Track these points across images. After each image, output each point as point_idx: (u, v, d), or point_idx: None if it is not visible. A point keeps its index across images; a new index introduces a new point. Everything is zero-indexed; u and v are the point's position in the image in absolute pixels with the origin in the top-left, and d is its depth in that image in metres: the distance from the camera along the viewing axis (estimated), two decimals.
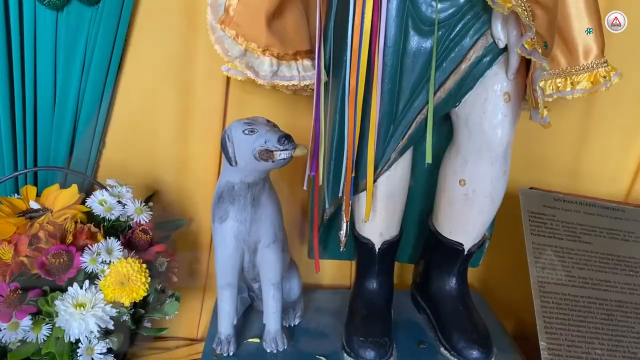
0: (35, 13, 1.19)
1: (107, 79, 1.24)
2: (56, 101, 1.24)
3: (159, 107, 1.28)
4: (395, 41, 0.97)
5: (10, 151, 1.24)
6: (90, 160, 1.29)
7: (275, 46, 0.96)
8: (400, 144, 1.02)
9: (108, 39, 1.21)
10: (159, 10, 1.22)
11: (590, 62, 1.07)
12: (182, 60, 1.25)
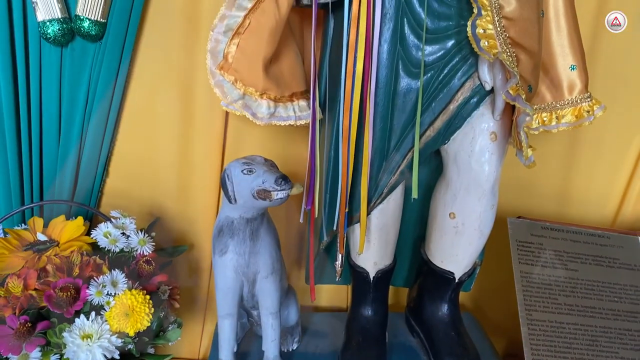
0: (41, 49, 1.24)
1: (110, 112, 1.29)
2: (61, 133, 1.28)
3: (160, 137, 1.33)
4: (386, 83, 1.02)
5: (17, 181, 1.28)
6: (94, 188, 1.34)
7: (272, 90, 1.00)
8: (392, 179, 1.07)
9: (111, 73, 1.25)
10: (160, 46, 1.27)
11: (574, 96, 1.12)
12: (182, 93, 1.29)
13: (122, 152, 1.33)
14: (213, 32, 0.97)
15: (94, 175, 1.32)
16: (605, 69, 1.30)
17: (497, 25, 0.95)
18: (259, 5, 0.95)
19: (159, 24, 1.25)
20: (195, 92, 1.29)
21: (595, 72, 1.29)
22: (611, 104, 1.29)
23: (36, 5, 1.19)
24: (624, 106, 1.34)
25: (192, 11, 1.22)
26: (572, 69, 1.10)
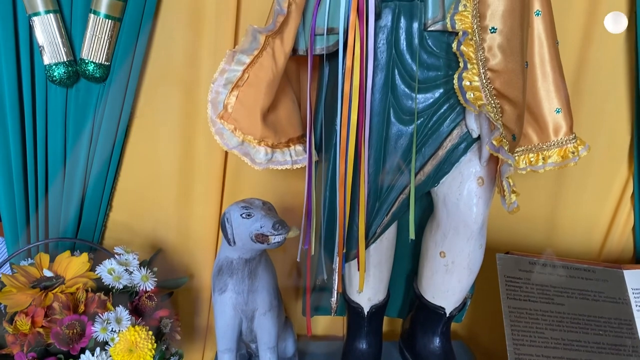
0: (47, 90, 1.28)
1: (113, 149, 1.33)
2: (66, 171, 1.33)
3: (162, 173, 1.37)
4: (379, 129, 1.07)
5: (24, 218, 1.33)
6: (98, 222, 1.38)
7: (270, 137, 1.05)
8: (385, 219, 1.12)
9: (114, 112, 1.30)
10: (163, 85, 1.31)
11: (560, 138, 1.17)
12: (184, 131, 1.34)
13: (125, 188, 1.38)
14: (214, 85, 1.02)
15: (97, 209, 1.37)
16: (589, 106, 1.36)
17: (482, 77, 1.00)
18: (257, 60, 1.01)
19: (160, 66, 1.30)
20: (196, 131, 1.34)
21: (580, 109, 1.34)
22: (596, 137, 1.36)
23: (43, 50, 1.24)
24: (608, 140, 1.39)
25: (192, 56, 1.28)
26: (558, 112, 1.16)
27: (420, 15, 1.03)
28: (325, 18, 1.02)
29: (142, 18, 1.25)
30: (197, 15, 1.27)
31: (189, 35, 1.28)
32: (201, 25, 1.27)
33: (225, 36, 1.26)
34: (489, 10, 1.00)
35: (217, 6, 1.24)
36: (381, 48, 1.05)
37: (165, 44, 1.29)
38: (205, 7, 1.26)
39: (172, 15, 1.28)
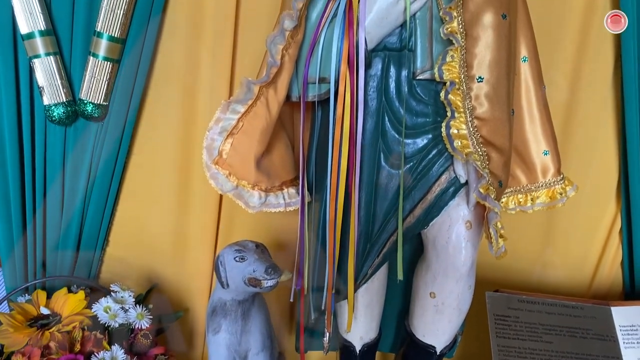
0: (46, 129, 1.31)
1: (111, 186, 1.36)
2: (64, 207, 1.35)
3: (158, 209, 1.40)
4: (369, 173, 1.10)
5: (21, 255, 1.35)
6: (95, 257, 1.41)
7: (264, 182, 1.08)
8: (376, 261, 1.14)
9: (112, 150, 1.33)
10: (160, 124, 1.35)
11: (548, 179, 1.20)
12: (180, 169, 1.37)
13: (122, 223, 1.41)
14: (209, 132, 1.05)
15: (94, 245, 1.39)
16: (578, 145, 1.39)
17: (469, 125, 1.03)
18: (251, 109, 1.04)
19: (158, 106, 1.34)
20: (192, 168, 1.37)
21: (569, 148, 1.37)
22: (585, 174, 1.39)
23: (43, 90, 1.27)
24: (597, 177, 1.42)
25: (189, 97, 1.31)
26: (545, 154, 1.19)
27: (409, 65, 1.06)
28: (317, 68, 1.05)
29: (139, 60, 1.28)
30: (194, 58, 1.30)
31: (186, 76, 1.32)
32: (198, 68, 1.31)
33: (221, 78, 1.29)
34: (476, 60, 1.03)
35: (214, 50, 1.28)
36: (371, 95, 1.08)
37: (163, 84, 1.32)
38: (201, 51, 1.30)
39: (169, 57, 1.31)
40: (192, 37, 1.29)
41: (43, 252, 1.37)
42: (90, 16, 1.25)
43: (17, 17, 1.24)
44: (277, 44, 1.02)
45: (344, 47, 1.02)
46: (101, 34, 1.25)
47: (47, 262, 1.39)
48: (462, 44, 1.02)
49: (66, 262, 1.38)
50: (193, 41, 1.29)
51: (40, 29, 1.24)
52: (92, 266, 1.41)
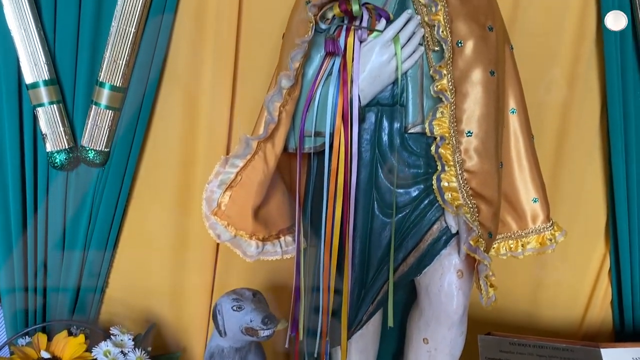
0: (48, 175, 1.35)
1: (111, 229, 1.39)
2: (65, 250, 1.38)
3: (157, 250, 1.43)
4: (364, 222, 1.13)
5: (22, 298, 1.38)
6: (95, 298, 1.43)
7: (261, 232, 1.11)
8: (371, 307, 1.17)
9: (112, 195, 1.36)
10: (160, 168, 1.38)
11: (537, 226, 1.24)
12: (179, 212, 1.40)
13: (122, 265, 1.43)
14: (208, 185, 1.09)
15: (94, 287, 1.42)
16: (567, 188, 1.43)
17: (459, 178, 1.07)
18: (249, 164, 1.07)
19: (158, 151, 1.37)
20: (191, 212, 1.40)
21: (558, 192, 1.41)
22: (574, 216, 1.43)
23: (46, 137, 1.31)
24: (585, 219, 1.46)
25: (188, 142, 1.35)
26: (535, 202, 1.22)
27: (401, 119, 1.11)
28: (313, 122, 1.09)
29: (140, 107, 1.33)
30: (193, 105, 1.35)
31: (185, 123, 1.36)
32: (197, 115, 1.35)
33: (219, 126, 1.34)
34: (465, 114, 1.08)
35: (213, 98, 1.32)
36: (365, 147, 1.12)
37: (163, 131, 1.36)
38: (200, 99, 1.34)
39: (169, 104, 1.35)
40: (191, 86, 1.34)
41: (44, 294, 1.40)
42: (93, 66, 1.30)
43: (23, 67, 1.28)
44: (275, 102, 1.06)
45: (338, 104, 1.06)
46: (103, 84, 1.29)
47: (47, 303, 1.41)
48: (451, 101, 1.06)
49: (67, 304, 1.41)
50: (192, 89, 1.34)
51: (44, 79, 1.28)
52: (91, 307, 1.43)
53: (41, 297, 1.39)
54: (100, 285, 1.42)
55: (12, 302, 1.38)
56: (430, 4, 1.08)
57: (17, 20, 1.26)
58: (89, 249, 1.38)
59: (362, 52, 1.07)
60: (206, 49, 1.31)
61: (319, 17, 1.07)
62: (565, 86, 1.36)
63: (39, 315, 1.40)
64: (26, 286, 1.38)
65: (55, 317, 1.40)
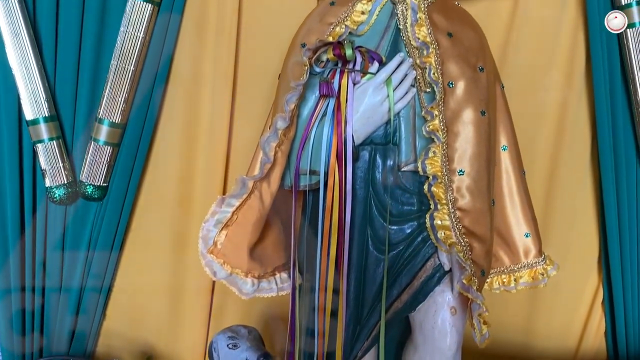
0: (47, 209, 1.37)
1: (109, 261, 1.40)
2: (62, 283, 1.40)
3: (154, 287, 1.45)
4: (358, 258, 1.14)
5: (19, 328, 1.39)
6: (92, 331, 1.44)
7: (256, 270, 1.13)
8: (366, 343, 1.18)
9: (111, 228, 1.38)
10: (158, 201, 1.41)
11: (529, 260, 1.25)
12: (176, 245, 1.42)
13: (119, 298, 1.45)
14: (205, 224, 1.10)
15: (92, 319, 1.43)
16: (560, 221, 1.45)
17: (452, 216, 1.09)
18: (245, 203, 1.09)
19: (156, 185, 1.39)
20: (188, 246, 1.42)
21: (551, 225, 1.44)
22: (567, 248, 1.45)
23: (45, 173, 1.33)
24: (578, 250, 1.48)
25: (186, 176, 1.37)
26: (527, 237, 1.24)
27: (395, 157, 1.12)
28: (308, 161, 1.11)
29: (139, 143, 1.35)
30: (190, 141, 1.37)
31: (183, 158, 1.38)
32: (195, 150, 1.37)
33: (217, 161, 1.35)
34: (457, 153, 1.10)
35: (211, 134, 1.35)
36: (359, 185, 1.14)
37: (161, 165, 1.38)
38: (198, 133, 1.36)
39: (167, 140, 1.37)
40: (190, 122, 1.36)
41: (41, 327, 1.41)
42: (93, 103, 1.33)
43: (23, 104, 1.31)
44: (271, 142, 1.08)
45: (333, 143, 1.08)
46: (102, 120, 1.32)
47: (45, 336, 1.42)
48: (442, 141, 1.08)
49: (64, 336, 1.41)
50: (191, 125, 1.36)
51: (44, 116, 1.31)
52: (89, 340, 1.44)
53: (38, 333, 1.40)
54: (97, 318, 1.43)
55: (9, 337, 1.39)
56: (421, 47, 1.10)
57: (19, 58, 1.29)
58: (86, 283, 1.40)
59: (356, 94, 1.09)
60: (204, 88, 1.34)
61: (314, 60, 1.09)
62: (555, 121, 1.39)
63: (35, 352, 1.40)
64: (23, 320, 1.39)
65: (53, 352, 1.41)
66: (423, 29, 1.12)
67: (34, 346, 1.40)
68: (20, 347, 1.38)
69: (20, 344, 1.38)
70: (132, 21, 1.27)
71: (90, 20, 1.29)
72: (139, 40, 1.28)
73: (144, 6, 1.27)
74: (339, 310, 1.13)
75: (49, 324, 1.41)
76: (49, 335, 1.42)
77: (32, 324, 1.39)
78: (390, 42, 1.12)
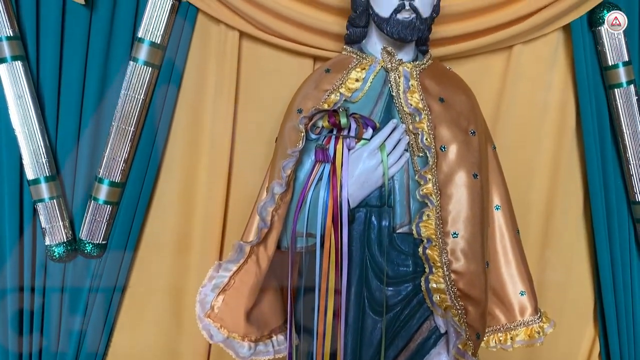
0: (46, 265, 1.37)
1: (107, 318, 1.40)
2: (60, 338, 1.39)
3: (149, 346, 1.45)
4: (355, 321, 1.15)
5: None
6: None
7: (253, 333, 1.14)
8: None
9: (109, 284, 1.39)
10: (156, 258, 1.41)
11: (525, 318, 1.26)
12: (172, 305, 1.42)
13: (117, 353, 1.44)
14: (202, 289, 1.12)
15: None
16: (555, 277, 1.47)
17: (447, 279, 1.10)
18: (242, 267, 1.10)
19: (154, 244, 1.41)
20: (184, 303, 1.42)
21: (546, 280, 1.45)
22: (563, 302, 1.46)
23: (45, 231, 1.34)
24: (574, 304, 1.50)
25: (184, 230, 1.39)
26: (522, 295, 1.25)
27: (389, 219, 1.14)
28: (305, 224, 1.13)
29: (138, 201, 1.37)
30: (188, 199, 1.39)
31: (182, 216, 1.39)
32: (193, 209, 1.39)
33: (214, 219, 1.37)
34: (450, 216, 1.12)
35: (209, 191, 1.37)
36: (355, 246, 1.15)
37: (159, 223, 1.40)
38: (196, 191, 1.38)
39: (165, 199, 1.39)
40: (188, 181, 1.38)
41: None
42: (93, 163, 1.35)
43: (25, 164, 1.33)
44: (268, 207, 1.10)
45: (329, 207, 1.10)
46: (102, 180, 1.34)
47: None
48: (436, 205, 1.10)
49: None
50: (189, 184, 1.38)
51: (45, 175, 1.33)
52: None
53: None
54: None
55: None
56: (414, 113, 1.14)
57: (21, 119, 1.31)
58: (84, 338, 1.40)
59: (351, 159, 1.12)
60: (203, 146, 1.36)
61: (309, 126, 1.12)
62: (547, 177, 1.42)
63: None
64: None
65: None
66: (415, 95, 1.15)
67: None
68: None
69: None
70: (133, 84, 1.31)
71: (92, 82, 1.32)
72: (139, 102, 1.31)
73: (144, 70, 1.31)
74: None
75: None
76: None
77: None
78: (383, 109, 1.16)
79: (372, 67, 1.17)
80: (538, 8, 1.32)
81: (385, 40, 1.16)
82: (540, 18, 1.32)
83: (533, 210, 1.42)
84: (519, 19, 1.33)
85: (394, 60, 1.16)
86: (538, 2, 1.31)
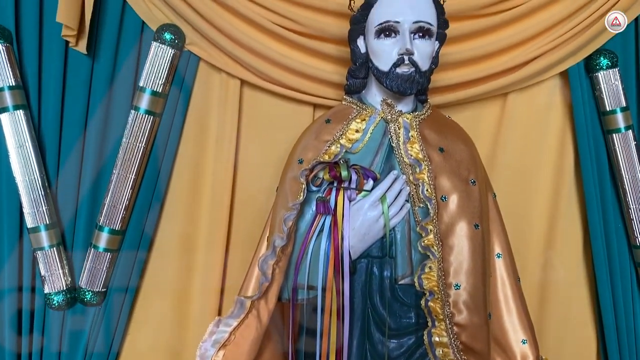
0: (45, 313, 1.36)
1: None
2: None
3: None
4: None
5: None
6: None
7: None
8: None
9: (108, 332, 1.37)
10: (155, 308, 1.40)
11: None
12: (170, 354, 1.40)
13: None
14: (203, 344, 1.11)
15: None
16: (556, 315, 1.45)
17: (450, 332, 1.09)
18: (243, 322, 1.10)
19: (154, 291, 1.40)
20: (186, 341, 1.40)
21: (547, 320, 1.44)
22: (563, 340, 1.45)
23: (44, 279, 1.34)
24: (575, 341, 1.48)
25: (183, 293, 1.39)
26: (524, 343, 1.24)
27: (391, 270, 1.14)
28: (306, 276, 1.12)
29: (138, 248, 1.36)
30: (188, 245, 1.39)
31: (182, 262, 1.39)
32: (193, 256, 1.38)
33: (213, 271, 1.36)
34: (452, 267, 1.11)
35: (208, 240, 1.36)
36: (357, 297, 1.15)
37: (159, 268, 1.39)
38: (196, 239, 1.38)
39: (165, 246, 1.39)
40: (188, 228, 1.38)
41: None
42: (93, 210, 1.35)
43: (25, 212, 1.33)
44: (269, 261, 1.09)
45: (330, 259, 1.10)
46: (103, 228, 1.33)
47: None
48: (438, 257, 1.10)
49: None
50: (189, 231, 1.38)
51: (45, 223, 1.33)
52: None
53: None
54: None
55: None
56: (414, 163, 1.14)
57: (22, 167, 1.32)
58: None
59: (352, 211, 1.12)
60: (204, 193, 1.36)
61: (310, 178, 1.12)
62: (546, 222, 1.42)
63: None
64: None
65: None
66: (415, 146, 1.16)
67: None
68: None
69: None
70: (134, 132, 1.31)
71: (93, 131, 1.33)
72: (140, 150, 1.32)
73: (145, 118, 1.31)
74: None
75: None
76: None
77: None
78: (383, 159, 1.16)
79: (372, 118, 1.18)
80: (534, 56, 1.33)
81: (385, 92, 1.17)
82: (537, 66, 1.34)
83: (531, 258, 1.42)
84: (515, 67, 1.34)
85: (393, 111, 1.17)
86: (534, 51, 1.33)
